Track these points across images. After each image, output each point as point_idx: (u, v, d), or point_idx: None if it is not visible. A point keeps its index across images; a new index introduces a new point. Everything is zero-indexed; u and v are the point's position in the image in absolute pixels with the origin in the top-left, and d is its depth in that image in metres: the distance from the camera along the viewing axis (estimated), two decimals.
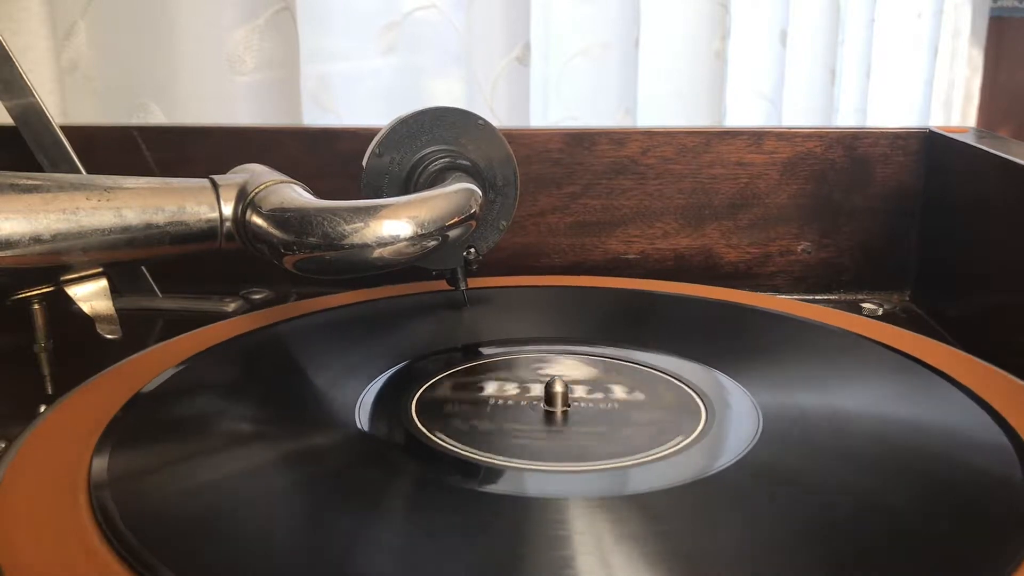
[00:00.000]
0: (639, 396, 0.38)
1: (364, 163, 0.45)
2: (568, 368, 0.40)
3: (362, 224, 0.37)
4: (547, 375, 0.37)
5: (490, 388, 0.38)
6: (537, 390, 0.38)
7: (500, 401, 0.37)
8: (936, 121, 1.43)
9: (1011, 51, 1.58)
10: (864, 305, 0.53)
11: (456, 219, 0.39)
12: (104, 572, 0.26)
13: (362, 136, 0.49)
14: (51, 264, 0.38)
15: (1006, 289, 0.46)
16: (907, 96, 1.36)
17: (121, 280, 0.52)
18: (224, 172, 0.43)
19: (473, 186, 0.42)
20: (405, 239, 0.38)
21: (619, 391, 0.38)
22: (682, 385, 0.38)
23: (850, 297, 0.56)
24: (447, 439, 0.34)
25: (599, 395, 0.38)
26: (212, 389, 0.39)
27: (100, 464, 0.31)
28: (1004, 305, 0.46)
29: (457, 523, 0.28)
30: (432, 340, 0.44)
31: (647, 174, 0.56)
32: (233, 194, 0.41)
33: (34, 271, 0.38)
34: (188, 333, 0.44)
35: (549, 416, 0.36)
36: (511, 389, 0.38)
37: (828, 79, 1.15)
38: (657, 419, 0.36)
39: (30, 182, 0.37)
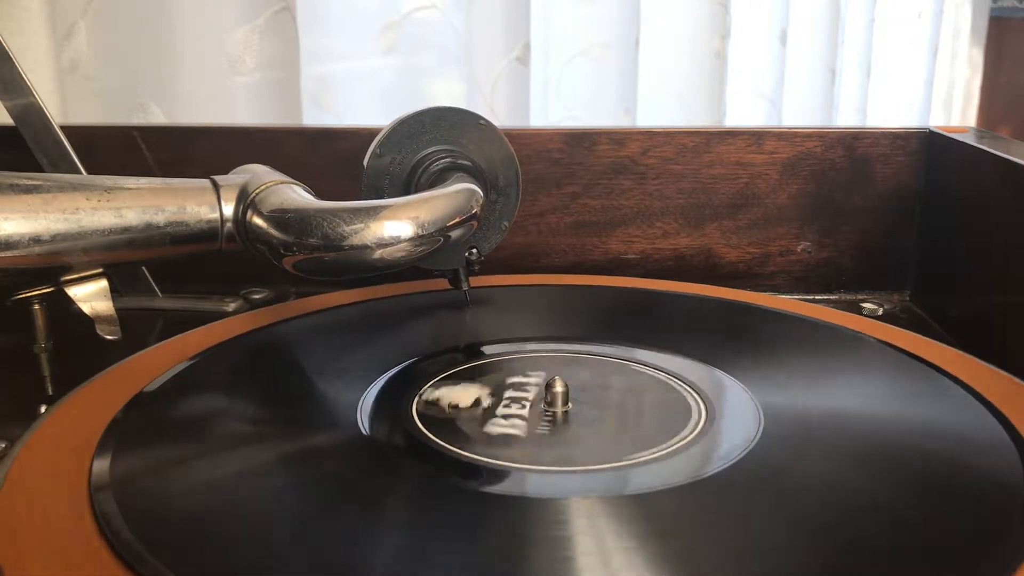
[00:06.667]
0: (639, 396, 0.38)
1: (365, 163, 0.45)
2: (568, 367, 0.40)
3: (362, 225, 0.37)
4: (548, 375, 0.37)
5: (491, 388, 0.38)
6: (538, 390, 0.38)
7: (500, 401, 0.37)
8: (936, 121, 1.43)
9: (1011, 51, 1.58)
10: (864, 305, 0.53)
11: (457, 220, 0.39)
12: (105, 573, 0.26)
13: (362, 136, 0.49)
14: (51, 264, 0.38)
15: (1006, 289, 0.46)
16: (907, 96, 1.36)
17: (121, 280, 0.52)
18: (225, 172, 0.43)
19: (474, 186, 0.42)
20: (406, 240, 0.38)
21: (619, 391, 0.38)
22: (682, 384, 0.38)
23: (850, 297, 0.56)
24: (447, 439, 0.34)
25: (600, 395, 0.38)
26: (213, 389, 0.39)
27: (101, 465, 0.31)
28: (1004, 305, 0.46)
29: (457, 524, 0.28)
30: (433, 340, 0.44)
31: (647, 174, 0.56)
32: (234, 195, 0.41)
33: (34, 271, 0.38)
34: (188, 332, 0.44)
35: (550, 416, 0.36)
36: (512, 389, 0.38)
37: (828, 79, 1.15)
38: (657, 418, 0.36)
39: (30, 182, 0.37)
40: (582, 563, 0.26)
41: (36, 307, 0.40)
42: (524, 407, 0.36)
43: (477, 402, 0.37)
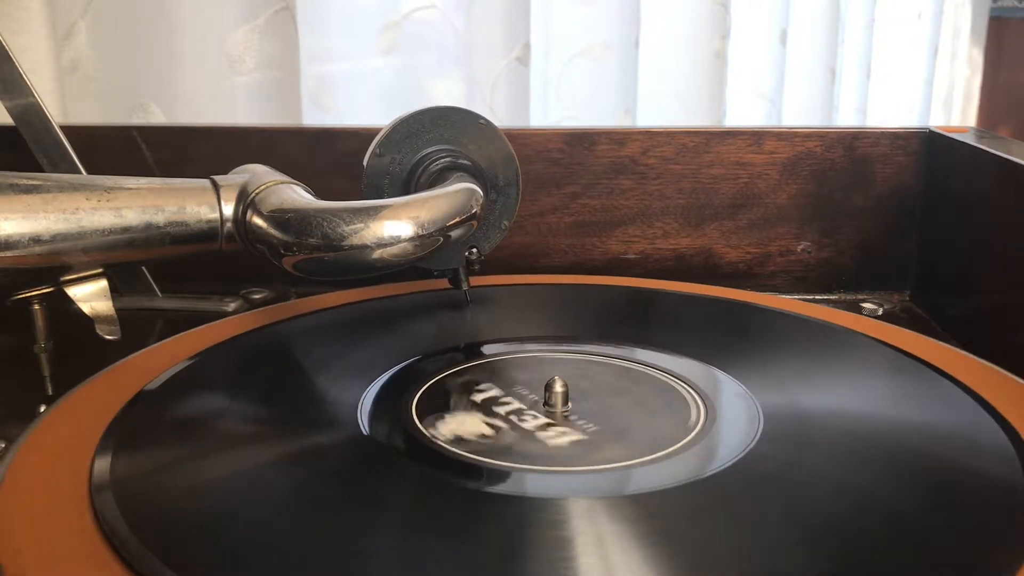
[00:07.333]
0: (639, 395, 0.38)
1: (364, 163, 0.45)
2: (568, 367, 0.40)
3: (362, 225, 0.37)
4: (548, 374, 0.37)
5: (490, 388, 0.38)
6: (538, 390, 0.38)
7: (500, 401, 0.37)
8: (936, 121, 1.43)
9: (1011, 51, 1.58)
10: (864, 305, 0.53)
11: (457, 219, 0.39)
12: (105, 572, 0.26)
13: (362, 136, 0.49)
14: (51, 264, 0.38)
15: (1006, 289, 0.46)
16: (907, 96, 1.36)
17: (121, 280, 0.52)
18: (224, 172, 0.43)
19: (474, 186, 0.42)
20: (406, 240, 0.38)
21: (619, 390, 0.38)
22: (682, 384, 0.38)
23: (850, 297, 0.56)
24: (447, 439, 0.34)
25: (599, 394, 0.38)
26: (213, 389, 0.39)
27: (101, 464, 0.31)
28: (1004, 305, 0.46)
29: (457, 524, 0.28)
30: (433, 340, 0.44)
31: (647, 174, 0.56)
32: (234, 194, 0.41)
33: (34, 271, 0.38)
34: (187, 332, 0.44)
35: (549, 416, 0.36)
36: (512, 389, 0.38)
37: (828, 79, 1.15)
38: (657, 419, 0.36)
39: (30, 182, 0.37)
40: (581, 563, 0.26)
41: (36, 307, 0.40)
42: (524, 407, 0.36)
43: (483, 433, 0.34)
